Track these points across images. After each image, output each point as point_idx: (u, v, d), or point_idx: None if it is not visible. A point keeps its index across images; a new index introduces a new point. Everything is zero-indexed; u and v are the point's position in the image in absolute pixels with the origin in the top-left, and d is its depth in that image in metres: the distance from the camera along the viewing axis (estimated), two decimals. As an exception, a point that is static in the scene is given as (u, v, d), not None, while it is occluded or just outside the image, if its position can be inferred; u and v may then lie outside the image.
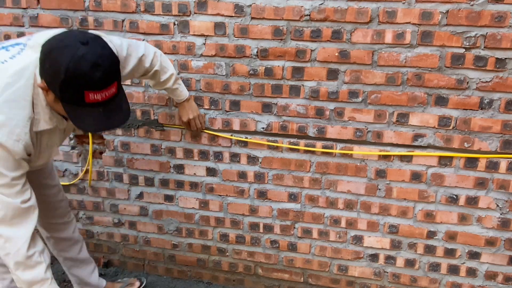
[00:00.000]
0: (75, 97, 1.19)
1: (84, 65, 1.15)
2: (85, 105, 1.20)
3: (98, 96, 1.19)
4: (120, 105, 1.30)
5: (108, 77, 1.20)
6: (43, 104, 1.31)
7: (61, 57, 1.15)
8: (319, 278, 2.21)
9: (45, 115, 1.33)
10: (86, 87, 1.17)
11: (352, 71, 1.83)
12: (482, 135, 1.80)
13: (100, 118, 1.24)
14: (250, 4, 1.82)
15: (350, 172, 1.97)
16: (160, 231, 2.32)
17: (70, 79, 1.15)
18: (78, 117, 1.24)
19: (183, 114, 1.96)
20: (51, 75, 1.18)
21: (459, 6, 1.66)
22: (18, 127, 1.27)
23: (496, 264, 1.97)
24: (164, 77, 1.78)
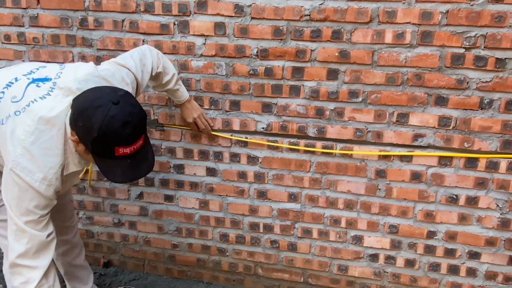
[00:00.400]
0: (106, 152, 1.28)
1: (116, 124, 1.23)
2: (114, 158, 1.29)
3: (127, 150, 1.29)
4: (146, 155, 1.38)
5: (137, 132, 1.29)
6: (72, 150, 1.40)
7: (93, 117, 1.23)
8: (319, 278, 2.21)
9: (74, 159, 1.42)
10: (116, 143, 1.26)
11: (352, 71, 1.83)
12: (482, 135, 1.80)
13: (128, 169, 1.33)
14: (250, 4, 1.82)
15: (350, 172, 1.97)
16: (160, 231, 2.32)
17: (102, 136, 1.24)
18: (108, 169, 1.33)
19: (187, 115, 1.95)
20: (84, 132, 1.27)
21: (459, 6, 1.66)
22: (50, 174, 1.36)
23: (496, 264, 1.97)
24: (166, 78, 1.78)
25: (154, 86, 1.86)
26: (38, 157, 1.34)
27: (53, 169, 1.37)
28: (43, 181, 1.36)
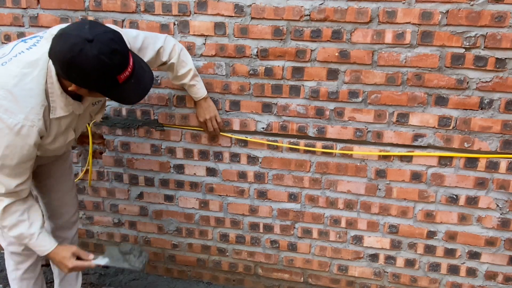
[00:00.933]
0: (110, 83, 1.30)
1: (105, 59, 1.24)
2: (119, 85, 1.32)
3: (126, 73, 1.32)
4: (141, 66, 1.41)
5: (125, 54, 1.31)
6: (58, 92, 1.40)
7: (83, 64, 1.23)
8: (319, 278, 2.21)
9: (60, 103, 1.42)
10: (115, 73, 1.29)
11: (352, 71, 1.83)
12: (482, 135, 1.80)
13: (136, 88, 1.38)
14: (250, 4, 1.82)
15: (350, 172, 1.97)
16: (160, 231, 2.32)
17: (101, 75, 1.26)
18: (120, 96, 1.37)
19: (199, 114, 1.96)
20: (83, 79, 1.28)
21: (459, 6, 1.66)
22: (32, 113, 1.36)
23: (496, 264, 1.97)
24: (181, 71, 1.80)
25: (172, 78, 1.87)
26: (20, 98, 1.34)
27: (34, 109, 1.37)
28: (25, 121, 1.35)
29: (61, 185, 1.88)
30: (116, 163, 2.23)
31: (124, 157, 2.21)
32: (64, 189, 1.90)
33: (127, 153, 2.20)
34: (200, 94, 1.90)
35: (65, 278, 2.05)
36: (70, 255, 1.60)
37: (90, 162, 2.21)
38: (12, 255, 1.81)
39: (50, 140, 1.49)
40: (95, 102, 1.62)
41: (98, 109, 1.69)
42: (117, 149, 2.20)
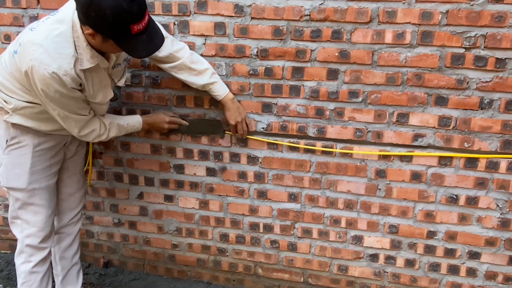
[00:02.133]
0: (123, 32, 1.39)
1: (124, 4, 1.33)
2: (132, 36, 1.41)
3: (140, 26, 1.40)
4: (155, 27, 1.50)
5: (142, 7, 1.40)
6: (83, 45, 1.50)
7: (102, 3, 1.32)
8: (319, 278, 2.21)
9: (86, 55, 1.52)
10: (130, 21, 1.37)
11: (352, 71, 1.83)
12: (482, 135, 1.80)
13: (147, 43, 1.47)
14: (250, 4, 1.82)
15: (350, 172, 1.97)
16: (160, 231, 2.32)
17: (116, 18, 1.34)
18: (130, 47, 1.45)
19: (230, 117, 1.91)
20: (99, 21, 1.36)
21: (459, 6, 1.66)
22: (64, 63, 1.47)
23: (496, 264, 1.97)
24: (199, 67, 1.83)
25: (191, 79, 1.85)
26: (51, 49, 1.45)
27: (65, 59, 1.47)
28: (58, 70, 1.46)
29: (72, 181, 1.96)
30: (116, 163, 2.23)
31: (124, 157, 2.21)
32: (75, 185, 1.98)
33: (127, 153, 2.20)
34: (223, 91, 1.87)
35: (66, 276, 2.07)
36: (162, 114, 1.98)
37: (90, 162, 2.21)
38: (26, 248, 1.83)
39: (90, 93, 1.62)
40: (115, 64, 1.71)
41: (120, 74, 1.79)
42: (117, 149, 2.20)
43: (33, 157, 1.72)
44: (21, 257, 1.85)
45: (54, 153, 1.80)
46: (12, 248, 2.60)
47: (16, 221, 1.82)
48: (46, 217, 1.81)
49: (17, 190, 1.74)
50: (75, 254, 2.08)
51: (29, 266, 1.84)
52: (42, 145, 1.73)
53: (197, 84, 1.86)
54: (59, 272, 2.07)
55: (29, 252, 1.83)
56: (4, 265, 2.46)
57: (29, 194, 1.75)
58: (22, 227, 1.81)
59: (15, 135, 1.69)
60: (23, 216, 1.79)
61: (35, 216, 1.79)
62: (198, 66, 1.83)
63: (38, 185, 1.75)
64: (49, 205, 1.81)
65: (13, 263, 2.46)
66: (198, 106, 2.02)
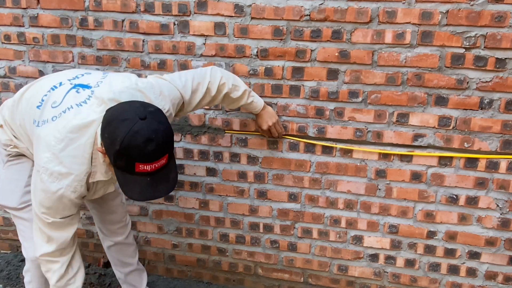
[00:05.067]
0: (126, 166, 1.28)
1: (139, 140, 1.23)
2: (134, 174, 1.28)
3: (148, 167, 1.27)
4: (167, 175, 1.35)
5: (160, 151, 1.27)
6: (100, 160, 1.42)
7: (118, 129, 1.24)
8: (319, 278, 2.21)
9: (101, 169, 1.44)
10: (137, 159, 1.25)
11: (352, 71, 1.83)
12: (482, 135, 1.80)
13: (146, 188, 1.31)
14: (250, 4, 1.82)
15: (350, 172, 1.97)
16: (160, 231, 2.32)
17: (123, 150, 1.24)
18: (127, 184, 1.32)
19: (261, 123, 1.88)
20: (108, 144, 1.28)
21: (459, 6, 1.66)
22: (76, 181, 1.40)
23: (496, 264, 1.97)
24: (236, 94, 1.74)
25: (227, 104, 1.83)
26: (65, 164, 1.37)
27: (78, 177, 1.40)
28: (68, 187, 1.39)
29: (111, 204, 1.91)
30: (116, 163, 2.23)
31: (124, 157, 2.21)
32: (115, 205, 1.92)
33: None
34: (260, 106, 1.83)
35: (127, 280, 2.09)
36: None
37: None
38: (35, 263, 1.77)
39: (90, 195, 1.55)
40: None
41: None
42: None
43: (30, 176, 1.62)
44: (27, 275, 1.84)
45: None
46: (12, 248, 2.60)
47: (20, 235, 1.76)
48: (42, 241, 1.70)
49: (8, 208, 1.69)
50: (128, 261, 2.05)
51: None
52: None
53: (234, 107, 1.86)
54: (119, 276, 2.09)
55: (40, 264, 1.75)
56: (4, 265, 2.46)
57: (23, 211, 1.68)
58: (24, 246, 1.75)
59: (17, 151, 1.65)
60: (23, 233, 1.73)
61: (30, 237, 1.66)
62: (236, 94, 1.74)
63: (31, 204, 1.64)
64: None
65: (13, 263, 2.47)
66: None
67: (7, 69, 2.19)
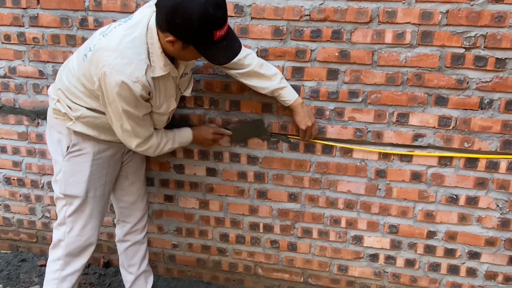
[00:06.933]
0: (206, 38, 1.37)
1: (210, 9, 1.31)
2: (213, 42, 1.39)
3: (222, 32, 1.39)
4: (233, 34, 1.48)
5: (225, 13, 1.38)
6: (158, 52, 1.48)
7: (190, 9, 1.31)
8: (319, 278, 2.21)
9: (159, 62, 1.50)
10: (214, 27, 1.35)
11: (352, 71, 1.83)
12: (482, 135, 1.80)
13: (226, 50, 1.45)
14: (250, 4, 1.82)
15: (350, 172, 1.97)
16: (160, 231, 2.32)
17: (202, 24, 1.33)
18: (212, 54, 1.43)
19: (301, 122, 1.85)
20: (184, 26, 1.34)
21: (459, 6, 1.66)
22: (136, 70, 1.44)
23: (496, 264, 1.97)
24: (268, 72, 1.77)
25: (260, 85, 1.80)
26: (124, 55, 1.43)
27: (138, 65, 1.44)
28: (130, 76, 1.43)
29: (134, 188, 1.95)
30: (116, 163, 2.23)
31: (124, 157, 2.21)
32: (137, 193, 1.97)
33: (127, 153, 2.20)
34: (292, 96, 1.81)
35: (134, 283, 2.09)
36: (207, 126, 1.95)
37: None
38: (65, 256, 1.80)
39: (157, 103, 1.60)
40: (183, 74, 1.68)
41: (186, 83, 1.76)
42: (117, 149, 2.20)
43: (92, 165, 1.71)
44: (56, 264, 1.83)
45: (113, 162, 1.79)
46: (12, 248, 2.60)
47: (61, 227, 1.79)
48: (92, 227, 1.79)
49: (73, 197, 1.72)
50: (142, 262, 2.08)
51: (63, 274, 1.82)
52: (102, 153, 1.73)
53: (266, 90, 1.80)
54: (128, 279, 2.09)
55: (66, 260, 1.81)
56: (4, 265, 2.46)
57: (83, 202, 1.74)
58: (66, 235, 1.78)
59: (77, 142, 1.68)
60: (71, 224, 1.77)
61: (82, 225, 1.77)
62: (267, 71, 1.77)
63: (93, 194, 1.75)
64: (98, 216, 1.81)
65: (13, 263, 2.47)
66: (198, 107, 2.02)
67: (7, 69, 2.19)
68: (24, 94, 2.21)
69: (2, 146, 2.35)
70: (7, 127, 2.30)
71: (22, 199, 2.44)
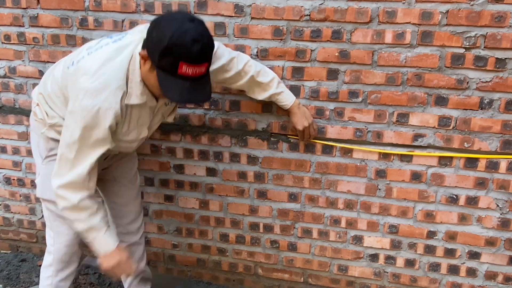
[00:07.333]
0: (171, 65, 1.30)
1: (187, 38, 1.26)
2: (176, 76, 1.31)
3: (190, 70, 1.30)
4: (205, 85, 1.40)
5: (203, 54, 1.31)
6: (137, 80, 1.44)
7: (167, 28, 1.27)
8: (319, 278, 2.21)
9: (137, 90, 1.45)
10: (182, 58, 1.28)
11: (352, 71, 1.83)
12: (482, 135, 1.80)
13: (186, 91, 1.34)
14: (250, 4, 1.83)
15: (350, 172, 1.97)
16: (160, 231, 2.32)
17: (171, 46, 1.26)
18: (168, 86, 1.35)
19: (297, 122, 1.85)
20: (155, 42, 1.30)
21: (459, 6, 1.66)
22: (111, 96, 1.40)
23: (496, 264, 1.97)
24: (265, 79, 1.74)
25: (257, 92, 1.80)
26: (101, 80, 1.39)
27: (114, 92, 1.40)
28: (103, 103, 1.39)
29: (124, 191, 1.91)
30: (116, 163, 2.23)
31: (124, 157, 2.21)
32: (127, 195, 1.92)
33: (127, 153, 2.20)
34: (290, 100, 1.81)
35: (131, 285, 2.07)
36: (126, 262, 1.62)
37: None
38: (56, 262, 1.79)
39: (124, 130, 1.53)
40: (168, 102, 1.62)
41: (170, 110, 1.69)
42: (117, 149, 2.20)
43: None
44: (48, 270, 1.81)
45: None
46: (12, 248, 2.60)
47: (49, 232, 1.77)
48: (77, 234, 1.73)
49: (51, 202, 1.68)
50: (139, 263, 2.04)
51: (56, 280, 1.81)
52: None
53: (263, 96, 1.80)
54: (127, 280, 2.07)
55: (57, 267, 1.79)
56: (4, 265, 2.46)
57: None
58: (54, 240, 1.76)
59: (54, 147, 1.64)
60: (56, 229, 1.74)
61: (68, 229, 1.71)
62: (264, 79, 1.75)
63: None
64: None
65: (13, 263, 2.47)
66: (198, 107, 2.02)
67: (7, 69, 2.19)
68: (24, 94, 2.21)
69: (2, 146, 2.35)
70: (7, 127, 2.30)
71: (22, 199, 2.44)
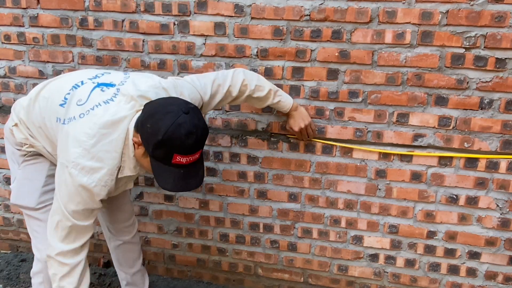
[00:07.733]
0: (164, 157, 1.33)
1: (181, 132, 1.28)
2: (170, 165, 1.34)
3: (184, 160, 1.33)
4: (198, 170, 1.42)
5: (197, 145, 1.34)
6: (130, 155, 1.45)
7: (162, 121, 1.29)
8: (319, 278, 2.21)
9: (130, 164, 1.46)
10: (176, 150, 1.31)
11: (352, 71, 1.83)
12: (482, 135, 1.80)
13: (179, 179, 1.37)
14: (250, 4, 1.83)
15: (350, 172, 1.97)
16: (160, 231, 2.32)
17: (166, 141, 1.29)
18: (161, 174, 1.37)
19: (293, 124, 1.85)
20: (150, 134, 1.31)
21: (459, 6, 1.66)
22: (107, 175, 1.42)
23: (496, 264, 1.97)
24: (260, 94, 1.74)
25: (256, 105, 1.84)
26: (97, 158, 1.39)
27: (110, 171, 1.42)
28: (99, 181, 1.41)
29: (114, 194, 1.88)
30: (116, 163, 2.23)
31: (124, 157, 2.21)
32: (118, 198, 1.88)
33: (127, 153, 2.20)
34: (288, 106, 1.81)
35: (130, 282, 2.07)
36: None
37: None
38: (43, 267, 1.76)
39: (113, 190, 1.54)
40: None
41: None
42: (117, 149, 2.20)
43: (47, 176, 1.64)
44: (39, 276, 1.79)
45: None
46: (12, 248, 2.60)
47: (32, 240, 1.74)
48: None
49: (25, 208, 1.67)
50: (135, 261, 2.04)
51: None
52: None
53: (261, 106, 1.84)
54: (122, 277, 2.08)
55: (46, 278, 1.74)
56: (4, 265, 2.46)
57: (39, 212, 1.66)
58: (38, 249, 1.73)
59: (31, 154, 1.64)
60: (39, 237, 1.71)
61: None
62: (260, 93, 1.74)
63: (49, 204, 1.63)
64: None
65: (13, 263, 2.47)
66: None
67: (7, 69, 2.19)
68: (24, 94, 2.21)
69: (2, 146, 2.35)
70: (7, 127, 2.30)
71: (22, 199, 2.44)
